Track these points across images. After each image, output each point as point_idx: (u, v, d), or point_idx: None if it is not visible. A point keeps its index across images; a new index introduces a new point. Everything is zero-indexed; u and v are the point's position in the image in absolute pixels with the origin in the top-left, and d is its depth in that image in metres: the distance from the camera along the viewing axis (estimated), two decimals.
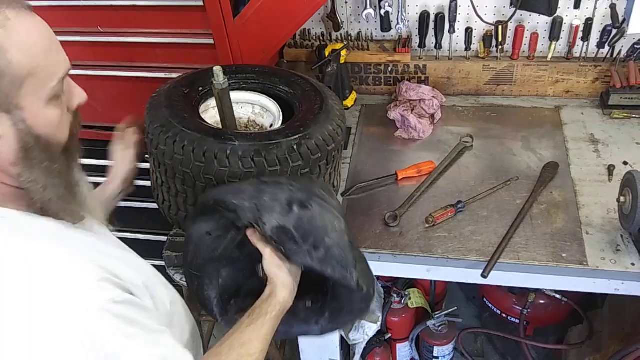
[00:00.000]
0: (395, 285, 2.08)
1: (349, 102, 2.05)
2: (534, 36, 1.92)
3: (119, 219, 2.22)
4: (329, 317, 1.16)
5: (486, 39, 1.95)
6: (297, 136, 1.32)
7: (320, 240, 1.07)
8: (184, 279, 1.70)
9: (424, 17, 1.93)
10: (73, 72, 1.87)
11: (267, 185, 1.12)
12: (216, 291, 1.17)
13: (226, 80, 1.35)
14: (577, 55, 1.94)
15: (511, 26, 1.92)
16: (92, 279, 0.81)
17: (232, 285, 1.19)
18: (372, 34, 2.06)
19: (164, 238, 1.90)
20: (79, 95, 0.89)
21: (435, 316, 2.09)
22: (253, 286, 1.18)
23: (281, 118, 1.50)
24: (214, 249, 1.15)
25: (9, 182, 0.83)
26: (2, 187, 0.83)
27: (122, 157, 1.42)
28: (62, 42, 1.98)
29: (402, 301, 2.07)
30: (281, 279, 1.07)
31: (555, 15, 1.84)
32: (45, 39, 0.81)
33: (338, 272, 1.07)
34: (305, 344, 1.82)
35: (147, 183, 1.65)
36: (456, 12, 1.89)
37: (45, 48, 0.80)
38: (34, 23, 0.81)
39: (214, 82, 1.34)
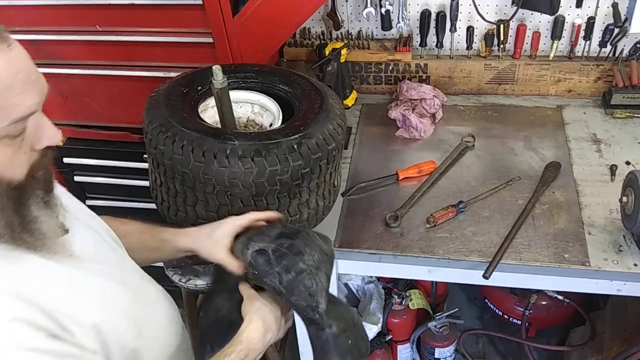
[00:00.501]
0: (396, 286, 2.07)
1: (349, 102, 2.04)
2: (536, 35, 1.91)
3: None
4: None
5: (488, 37, 1.94)
6: (297, 135, 1.31)
7: (293, 264, 1.04)
8: (181, 279, 1.69)
9: (425, 15, 1.92)
10: (72, 71, 1.88)
11: (265, 228, 1.13)
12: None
13: (225, 79, 1.34)
14: (579, 54, 1.93)
15: (513, 25, 1.91)
16: (3, 317, 0.76)
17: None
18: (372, 32, 2.05)
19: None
20: (51, 137, 0.83)
21: (437, 317, 2.08)
22: None
23: (281, 117, 1.49)
24: (219, 309, 1.13)
25: None
26: None
27: (225, 237, 1.19)
28: (59, 41, 1.98)
29: (403, 302, 2.06)
30: (254, 322, 1.04)
31: (557, 14, 1.83)
32: (9, 79, 0.75)
33: (303, 299, 1.02)
34: (305, 345, 1.81)
35: (146, 183, 1.64)
36: (457, 11, 1.87)
37: (4, 86, 0.75)
38: (3, 59, 0.75)
39: (213, 81, 1.33)
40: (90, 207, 1.26)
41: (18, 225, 0.82)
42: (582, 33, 1.87)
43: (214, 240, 1.15)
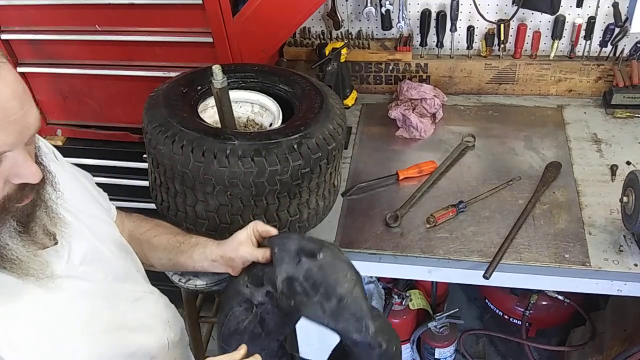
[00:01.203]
0: (396, 287, 2.07)
1: (349, 101, 2.03)
2: (536, 35, 1.91)
3: None
4: None
5: (488, 37, 1.94)
6: (297, 135, 1.31)
7: (332, 290, 0.99)
8: (181, 279, 1.69)
9: (425, 15, 1.91)
10: (72, 71, 1.88)
11: (275, 238, 1.10)
12: None
13: (225, 79, 1.34)
14: (580, 54, 1.93)
15: (513, 25, 1.91)
16: None
17: None
18: (372, 32, 2.05)
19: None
20: (27, 177, 0.80)
21: (437, 318, 2.08)
22: None
23: (281, 117, 1.49)
24: (241, 320, 1.09)
25: None
26: None
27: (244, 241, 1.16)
28: (59, 41, 1.98)
29: (403, 302, 2.06)
30: None
31: (558, 13, 1.83)
32: None
33: (352, 326, 0.99)
34: (305, 345, 1.80)
35: (145, 183, 1.64)
36: (458, 11, 1.87)
37: None
38: None
39: (213, 81, 1.33)
40: None
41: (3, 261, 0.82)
42: (582, 33, 1.87)
43: (239, 240, 1.14)
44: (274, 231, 1.14)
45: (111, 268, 1.06)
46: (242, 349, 0.99)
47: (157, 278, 2.17)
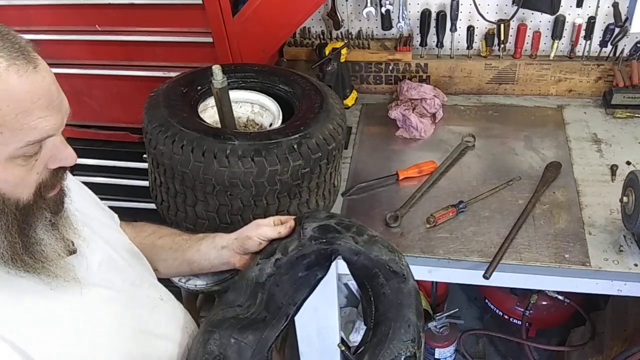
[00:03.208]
0: None
1: (349, 101, 2.03)
2: (536, 35, 1.91)
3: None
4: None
5: (488, 37, 1.94)
6: (297, 135, 1.31)
7: (363, 231, 1.03)
8: (181, 279, 1.69)
9: (425, 15, 1.91)
10: (71, 70, 1.87)
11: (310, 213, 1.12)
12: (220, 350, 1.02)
13: (225, 79, 1.34)
14: (580, 54, 1.93)
15: (513, 25, 1.91)
16: None
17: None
18: (372, 32, 2.05)
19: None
20: (65, 159, 0.82)
21: (437, 318, 2.08)
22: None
23: (281, 117, 1.49)
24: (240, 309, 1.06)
25: None
26: None
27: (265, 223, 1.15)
28: (59, 41, 1.98)
29: None
30: None
31: (558, 13, 1.83)
32: (28, 101, 0.73)
33: (386, 254, 1.00)
34: (305, 346, 1.80)
35: (145, 183, 1.64)
36: (458, 11, 1.87)
37: (25, 110, 0.73)
38: (26, 81, 0.73)
39: (213, 81, 1.33)
40: None
41: (21, 247, 0.80)
42: (582, 33, 1.87)
43: (259, 223, 1.14)
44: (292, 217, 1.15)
45: (126, 275, 1.04)
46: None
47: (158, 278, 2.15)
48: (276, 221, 1.14)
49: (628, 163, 1.70)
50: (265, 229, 1.12)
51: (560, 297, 2.01)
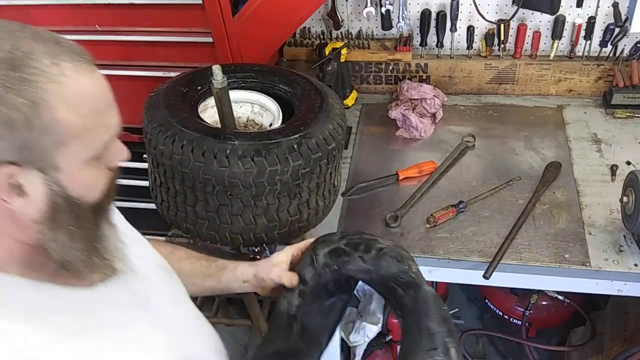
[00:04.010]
0: None
1: (349, 101, 2.03)
2: (536, 35, 1.91)
3: None
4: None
5: (488, 37, 1.94)
6: (297, 135, 1.31)
7: (370, 246, 1.02)
8: None
9: (425, 15, 1.91)
10: None
11: (326, 237, 1.10)
12: None
13: (225, 79, 1.34)
14: (580, 54, 1.93)
15: (513, 25, 1.91)
16: None
17: None
18: (372, 32, 2.05)
19: (162, 239, 1.88)
20: (122, 155, 0.80)
21: None
22: None
23: (281, 117, 1.49)
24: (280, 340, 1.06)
25: (24, 238, 0.73)
26: (13, 244, 0.74)
27: (278, 263, 1.12)
28: None
29: None
30: None
31: (558, 13, 1.83)
32: (99, 100, 0.73)
33: (394, 266, 0.99)
34: None
35: (145, 183, 1.64)
36: (458, 11, 1.87)
37: (98, 110, 0.72)
38: (92, 81, 0.72)
39: (213, 81, 1.33)
40: None
41: (94, 249, 0.79)
42: (582, 33, 1.87)
43: (273, 262, 1.11)
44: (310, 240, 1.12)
45: (161, 297, 0.97)
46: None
47: None
48: (295, 251, 1.12)
49: (628, 163, 1.70)
50: (274, 274, 1.09)
51: (560, 297, 2.01)
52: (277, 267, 1.09)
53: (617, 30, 1.81)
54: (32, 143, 0.65)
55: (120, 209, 1.30)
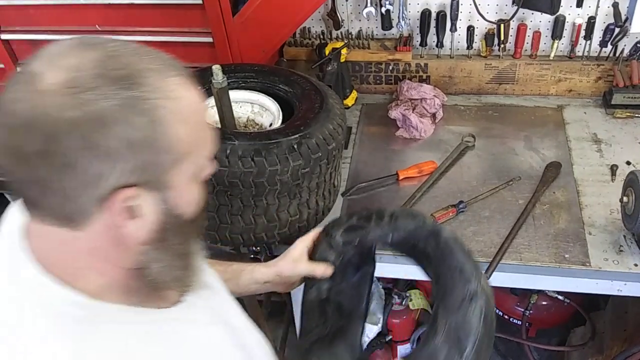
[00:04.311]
0: (396, 287, 2.07)
1: (349, 101, 2.03)
2: (536, 35, 1.91)
3: None
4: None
5: (488, 37, 1.94)
6: (297, 135, 1.31)
7: (382, 213, 1.06)
8: None
9: (425, 15, 1.91)
10: None
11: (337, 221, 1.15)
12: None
13: (225, 79, 1.34)
14: (580, 54, 1.93)
15: (513, 25, 1.91)
16: None
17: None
18: (372, 32, 2.05)
19: None
20: (212, 167, 0.76)
21: None
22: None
23: (281, 117, 1.48)
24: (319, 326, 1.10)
25: (125, 262, 0.70)
26: (112, 270, 0.70)
27: (299, 258, 1.13)
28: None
29: (403, 302, 2.06)
30: None
31: (558, 13, 1.83)
32: (202, 114, 0.70)
33: (410, 223, 1.04)
34: None
35: None
36: (458, 11, 1.87)
37: (203, 124, 0.70)
38: (195, 94, 0.68)
39: (213, 81, 1.33)
40: None
41: (190, 267, 0.77)
42: (582, 33, 1.87)
43: (293, 258, 1.12)
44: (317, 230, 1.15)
45: (234, 311, 0.94)
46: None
47: None
48: (307, 243, 1.13)
49: (628, 163, 1.70)
50: (302, 269, 1.10)
51: (560, 297, 2.01)
52: (300, 262, 1.11)
53: (617, 30, 1.81)
54: (151, 163, 0.63)
55: None
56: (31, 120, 0.57)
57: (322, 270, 1.08)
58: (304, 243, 1.13)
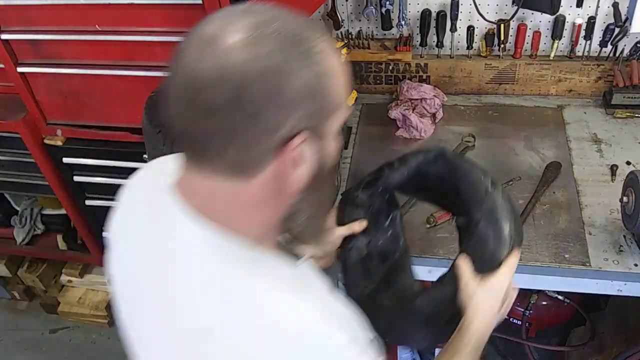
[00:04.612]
0: None
1: (349, 101, 2.03)
2: (536, 35, 1.91)
3: None
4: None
5: (488, 37, 1.94)
6: None
7: (391, 161, 1.14)
8: None
9: (425, 15, 1.91)
10: (72, 71, 1.88)
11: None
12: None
13: None
14: (580, 54, 1.93)
15: (513, 24, 1.91)
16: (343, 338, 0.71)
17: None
18: (372, 32, 2.05)
19: None
20: (342, 120, 0.82)
21: None
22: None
23: None
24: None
25: (277, 211, 0.74)
26: (266, 223, 0.74)
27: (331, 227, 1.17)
28: (60, 41, 1.97)
29: None
30: (480, 309, 0.97)
31: (558, 13, 1.83)
32: (347, 72, 0.77)
33: (419, 156, 1.11)
34: None
35: None
36: (458, 11, 1.87)
37: (348, 79, 0.77)
38: (340, 52, 0.77)
39: None
40: (90, 207, 1.21)
41: (325, 220, 0.83)
42: (582, 33, 1.87)
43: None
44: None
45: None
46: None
47: None
48: (332, 215, 1.17)
49: (628, 163, 1.70)
50: (340, 232, 1.15)
51: (560, 297, 2.01)
52: (334, 230, 1.15)
53: (617, 30, 1.81)
54: (318, 111, 0.68)
55: None
56: (220, 74, 0.63)
57: (358, 225, 1.13)
58: (329, 217, 1.16)
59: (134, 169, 2.26)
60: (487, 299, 0.98)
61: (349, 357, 0.70)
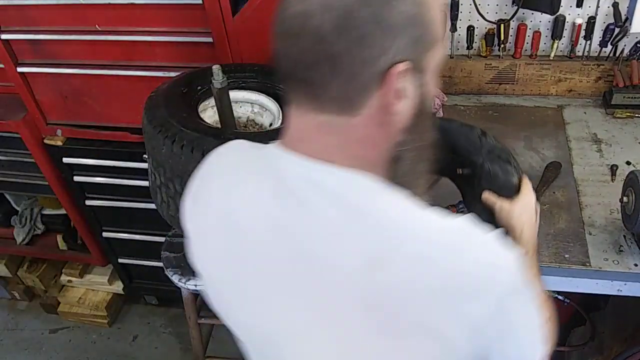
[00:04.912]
0: None
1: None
2: (536, 35, 1.91)
3: (116, 220, 2.22)
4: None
5: (488, 37, 1.94)
6: None
7: None
8: (181, 279, 1.69)
9: None
10: (72, 71, 1.88)
11: None
12: None
13: (225, 79, 1.34)
14: (580, 54, 1.93)
15: (513, 24, 1.91)
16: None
17: None
18: None
19: (162, 239, 1.88)
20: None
21: None
22: None
23: (281, 117, 1.48)
24: None
25: (386, 150, 0.73)
26: (375, 161, 0.73)
27: None
28: (59, 41, 1.97)
29: None
30: (524, 220, 1.04)
31: (558, 13, 1.83)
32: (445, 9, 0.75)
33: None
34: None
35: (145, 183, 1.63)
36: (457, 10, 1.87)
37: (447, 18, 0.77)
38: None
39: (213, 81, 1.33)
40: (90, 207, 1.20)
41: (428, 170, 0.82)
42: (582, 33, 1.87)
43: None
44: None
45: None
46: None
47: (157, 278, 2.16)
48: None
49: (628, 163, 1.70)
50: None
51: (560, 297, 2.00)
52: None
53: (617, 30, 1.81)
54: (419, 40, 0.68)
55: (120, 208, 1.31)
56: (327, 2, 0.64)
57: None
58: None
59: (134, 169, 2.27)
60: (525, 212, 1.05)
61: (504, 247, 0.72)
